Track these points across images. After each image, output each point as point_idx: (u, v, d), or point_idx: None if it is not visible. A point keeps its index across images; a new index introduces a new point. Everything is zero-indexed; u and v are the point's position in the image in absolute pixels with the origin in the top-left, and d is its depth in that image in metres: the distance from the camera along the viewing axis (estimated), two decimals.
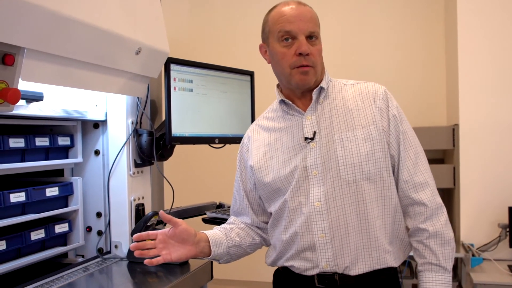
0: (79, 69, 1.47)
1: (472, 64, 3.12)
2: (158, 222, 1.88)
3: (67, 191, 1.80)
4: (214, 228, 1.52)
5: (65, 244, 1.83)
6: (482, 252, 3.02)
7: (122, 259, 1.84)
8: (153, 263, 1.30)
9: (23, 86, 1.31)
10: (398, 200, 1.37)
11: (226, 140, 2.12)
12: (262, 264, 1.55)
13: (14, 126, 1.68)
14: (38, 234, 1.67)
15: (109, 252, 1.89)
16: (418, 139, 1.40)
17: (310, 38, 1.32)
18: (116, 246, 1.88)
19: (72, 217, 1.84)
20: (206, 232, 1.44)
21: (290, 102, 1.41)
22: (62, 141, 1.78)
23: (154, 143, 1.89)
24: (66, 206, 1.82)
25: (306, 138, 1.36)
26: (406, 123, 1.38)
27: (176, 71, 1.89)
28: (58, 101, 1.70)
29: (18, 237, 1.59)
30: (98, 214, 1.91)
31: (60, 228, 1.77)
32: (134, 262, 1.79)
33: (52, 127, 1.82)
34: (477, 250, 3.01)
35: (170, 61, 1.86)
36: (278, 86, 1.46)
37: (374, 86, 1.39)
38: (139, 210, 1.90)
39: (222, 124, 2.11)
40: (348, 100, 1.38)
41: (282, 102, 1.43)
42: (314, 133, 1.35)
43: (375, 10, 3.80)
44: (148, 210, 1.96)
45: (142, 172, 1.95)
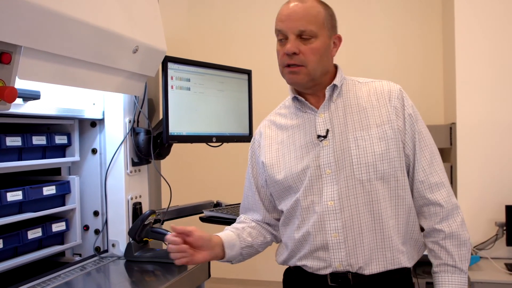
0: (76, 67, 1.47)
1: (469, 62, 3.13)
2: (156, 221, 1.88)
3: (64, 190, 1.80)
4: (226, 228, 1.50)
5: (62, 243, 1.83)
6: (479, 250, 3.02)
7: (119, 258, 1.84)
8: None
9: (20, 84, 1.31)
10: (412, 200, 1.35)
11: (223, 138, 2.12)
12: (259, 262, 1.55)
13: (11, 125, 1.68)
14: (35, 233, 1.66)
15: (106, 251, 1.89)
16: (433, 139, 1.38)
17: (302, 36, 1.30)
18: (113, 245, 1.87)
19: (69, 215, 1.83)
20: (219, 234, 1.43)
21: (302, 99, 1.39)
22: (59, 139, 1.77)
23: (151, 142, 1.88)
24: (63, 204, 1.82)
25: (318, 136, 1.34)
26: (421, 123, 1.36)
27: (173, 70, 1.89)
28: (55, 99, 1.70)
29: (15, 236, 1.59)
30: (95, 213, 1.90)
31: (57, 227, 1.76)
32: (131, 261, 1.79)
33: (49, 126, 1.81)
34: (474, 249, 3.02)
35: (167, 59, 1.86)
36: None
37: (389, 85, 1.38)
38: (137, 209, 1.90)
39: (220, 122, 2.11)
40: (362, 98, 1.37)
41: (295, 98, 1.41)
42: (327, 131, 1.34)
43: (373, 9, 3.81)
44: (145, 208, 1.95)
45: (139, 170, 1.95)
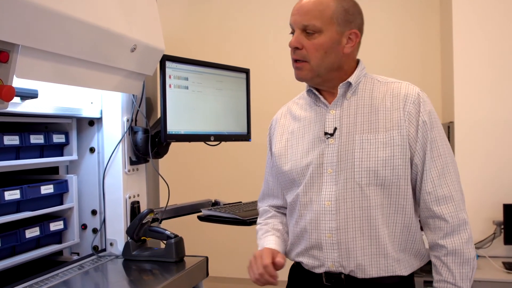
0: (74, 66, 1.47)
1: (467, 61, 3.13)
2: (154, 220, 1.87)
3: (62, 189, 1.80)
4: (272, 235, 1.45)
5: (60, 242, 1.82)
6: (477, 249, 3.02)
7: (117, 257, 1.84)
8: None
9: (18, 83, 1.31)
10: (415, 210, 1.32)
11: (221, 137, 2.12)
12: None
13: (9, 124, 1.67)
14: (33, 232, 1.66)
15: (104, 250, 1.89)
16: (450, 148, 1.31)
17: (306, 31, 1.28)
18: (111, 244, 1.87)
19: (67, 214, 1.83)
20: (277, 249, 1.39)
21: (316, 93, 1.37)
22: (57, 138, 1.77)
23: (149, 141, 1.88)
24: (61, 203, 1.81)
25: (326, 133, 1.33)
26: (438, 130, 1.29)
27: (171, 69, 1.89)
28: (53, 98, 1.69)
29: (13, 235, 1.58)
30: (93, 212, 1.90)
31: (55, 226, 1.76)
32: (129, 260, 1.79)
33: (47, 125, 1.81)
34: None
35: (165, 58, 1.85)
36: None
37: (408, 88, 1.33)
38: (135, 207, 1.90)
39: (218, 121, 2.11)
40: (377, 99, 1.32)
41: (309, 91, 1.40)
42: (335, 129, 1.32)
43: (371, 9, 3.80)
44: (143, 207, 1.95)
45: (137, 169, 1.95)
